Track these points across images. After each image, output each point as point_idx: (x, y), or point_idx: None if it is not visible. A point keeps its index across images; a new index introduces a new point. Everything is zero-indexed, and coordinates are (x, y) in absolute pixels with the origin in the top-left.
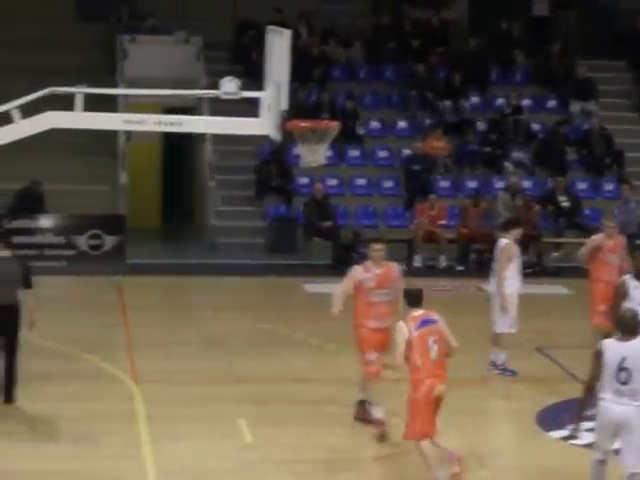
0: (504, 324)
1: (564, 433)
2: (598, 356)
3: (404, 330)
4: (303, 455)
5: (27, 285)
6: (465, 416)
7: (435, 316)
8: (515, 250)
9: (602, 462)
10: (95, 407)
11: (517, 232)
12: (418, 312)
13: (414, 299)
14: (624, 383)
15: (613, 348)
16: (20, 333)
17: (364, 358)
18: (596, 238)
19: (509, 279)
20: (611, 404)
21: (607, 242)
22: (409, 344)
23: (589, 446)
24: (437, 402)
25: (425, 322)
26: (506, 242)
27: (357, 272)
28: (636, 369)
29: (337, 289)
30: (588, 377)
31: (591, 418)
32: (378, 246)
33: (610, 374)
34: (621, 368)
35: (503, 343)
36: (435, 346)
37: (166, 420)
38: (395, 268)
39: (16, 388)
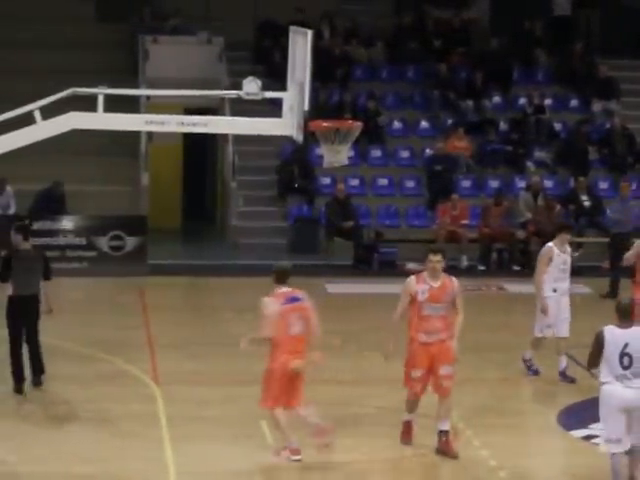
0: (538, 327)
1: (586, 432)
2: (600, 341)
3: (270, 306)
4: (324, 457)
5: (47, 276)
6: (486, 415)
7: (300, 294)
8: (556, 254)
9: (621, 455)
10: (117, 408)
11: (563, 237)
12: (284, 289)
13: (281, 276)
14: (626, 368)
15: (615, 334)
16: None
17: (408, 375)
18: None
19: (547, 283)
20: (618, 387)
21: None
22: (273, 319)
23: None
24: (295, 376)
25: (290, 300)
26: (548, 246)
27: (411, 284)
28: (636, 355)
29: (395, 314)
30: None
31: None
32: (436, 257)
33: (612, 359)
34: (624, 354)
35: (535, 345)
36: (298, 323)
37: (188, 421)
38: (454, 283)
39: (44, 374)
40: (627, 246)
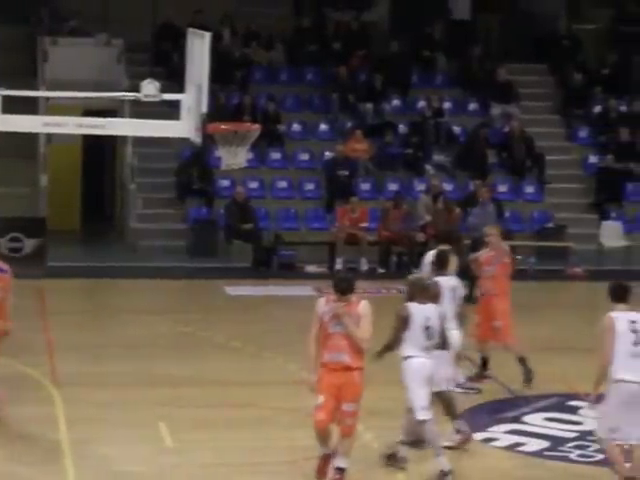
0: None
1: (486, 435)
2: (405, 317)
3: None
4: (223, 459)
5: None
6: (381, 418)
7: (5, 266)
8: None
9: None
10: (14, 411)
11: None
12: None
13: None
14: (428, 339)
15: (419, 310)
16: None
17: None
18: None
19: None
20: (422, 359)
21: None
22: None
23: (509, 448)
24: None
25: None
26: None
27: (319, 305)
28: (436, 329)
29: (310, 338)
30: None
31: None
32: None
33: (418, 333)
34: (427, 327)
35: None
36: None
37: (87, 424)
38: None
39: None
40: None
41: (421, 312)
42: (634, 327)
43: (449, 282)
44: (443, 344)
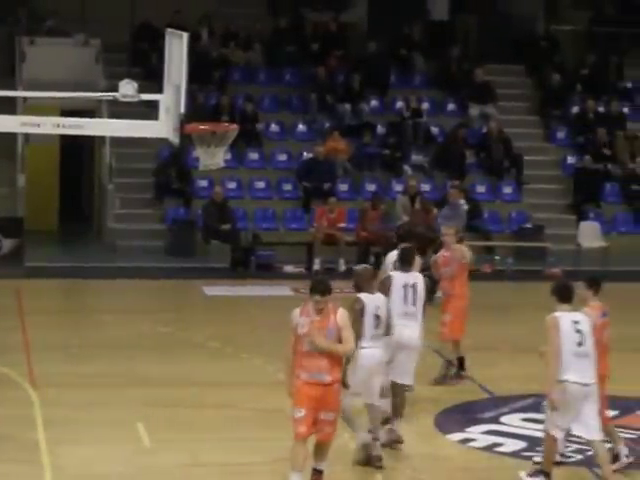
0: None
1: (463, 435)
2: (361, 308)
3: None
4: (201, 459)
5: None
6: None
7: None
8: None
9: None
10: None
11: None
12: None
13: None
14: (376, 328)
15: (369, 299)
16: None
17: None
18: None
19: None
20: (373, 349)
21: None
22: None
23: (487, 449)
24: None
25: None
26: None
27: (294, 316)
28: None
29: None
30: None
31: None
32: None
33: (368, 323)
34: (376, 316)
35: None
36: None
37: (65, 424)
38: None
39: None
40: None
41: (372, 302)
42: (577, 327)
43: (409, 278)
44: (387, 331)
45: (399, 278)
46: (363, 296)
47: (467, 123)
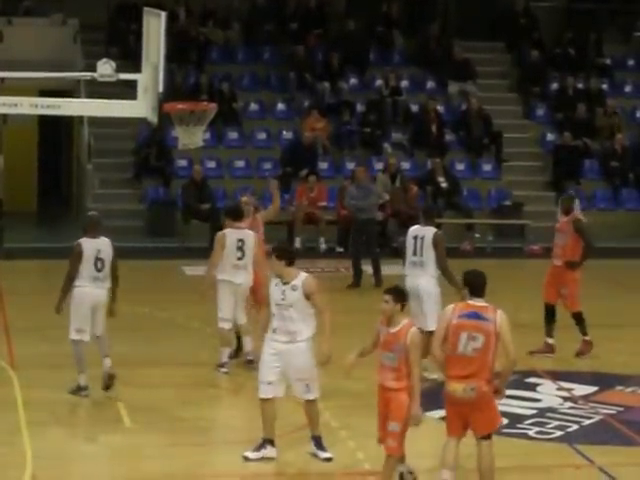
0: None
1: (443, 412)
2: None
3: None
4: (182, 439)
5: None
6: (342, 397)
7: None
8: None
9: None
10: None
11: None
12: None
13: None
14: (99, 270)
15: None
16: None
17: None
18: None
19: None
20: (91, 288)
21: None
22: None
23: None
24: None
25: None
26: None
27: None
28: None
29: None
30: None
31: None
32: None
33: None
34: (97, 259)
35: None
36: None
37: (44, 405)
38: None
39: None
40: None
41: (92, 245)
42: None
43: (420, 231)
44: (114, 278)
45: (412, 231)
46: (83, 240)
47: (435, 97)
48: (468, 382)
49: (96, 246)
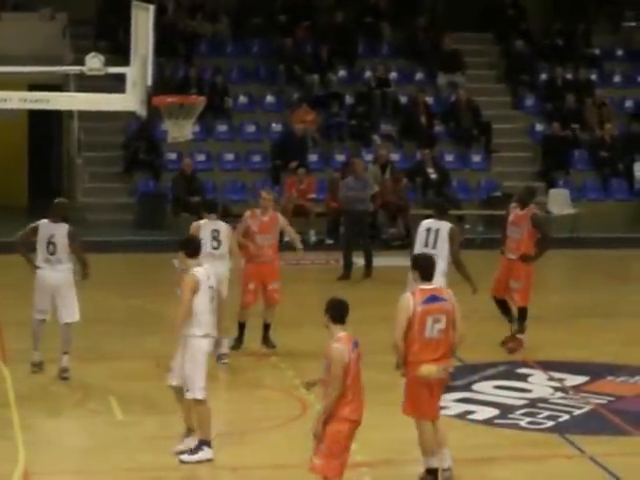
0: None
1: None
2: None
3: None
4: (174, 432)
5: None
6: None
7: None
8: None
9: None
10: None
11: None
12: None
13: None
14: (52, 254)
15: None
16: None
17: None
18: None
19: None
20: (47, 271)
21: None
22: None
23: (459, 416)
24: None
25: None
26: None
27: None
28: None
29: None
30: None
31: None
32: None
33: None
34: (50, 242)
35: None
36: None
37: (37, 399)
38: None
39: None
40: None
41: (48, 229)
42: None
43: (434, 224)
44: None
45: (425, 224)
46: (40, 223)
47: (424, 89)
48: (440, 363)
49: (51, 230)
